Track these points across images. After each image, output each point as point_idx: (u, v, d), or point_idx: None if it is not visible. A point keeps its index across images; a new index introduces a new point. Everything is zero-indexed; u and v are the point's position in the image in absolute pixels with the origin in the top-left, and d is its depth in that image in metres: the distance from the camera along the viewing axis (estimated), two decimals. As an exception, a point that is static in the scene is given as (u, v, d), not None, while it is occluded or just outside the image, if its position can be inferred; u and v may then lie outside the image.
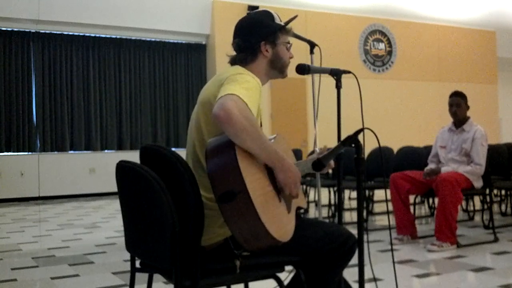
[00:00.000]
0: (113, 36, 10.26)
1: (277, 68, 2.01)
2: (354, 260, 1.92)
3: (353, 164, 1.86)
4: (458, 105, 4.58)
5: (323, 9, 11.62)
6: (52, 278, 3.54)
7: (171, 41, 10.76)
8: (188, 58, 10.91)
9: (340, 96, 2.38)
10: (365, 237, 1.92)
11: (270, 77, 2.04)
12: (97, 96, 10.07)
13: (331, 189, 6.02)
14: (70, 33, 9.89)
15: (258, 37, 1.95)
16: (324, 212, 6.45)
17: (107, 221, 6.39)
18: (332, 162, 2.11)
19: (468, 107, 4.62)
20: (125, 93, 10.31)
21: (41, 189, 9.42)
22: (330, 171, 2.22)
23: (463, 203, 6.23)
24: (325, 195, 6.78)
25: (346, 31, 11.92)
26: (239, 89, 1.65)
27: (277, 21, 2.01)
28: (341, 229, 1.97)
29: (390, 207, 5.09)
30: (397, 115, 12.30)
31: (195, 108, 1.91)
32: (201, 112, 1.85)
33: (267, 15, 2.01)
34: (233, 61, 1.98)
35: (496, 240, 4.50)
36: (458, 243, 4.25)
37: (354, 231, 1.96)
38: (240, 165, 1.52)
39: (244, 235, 1.55)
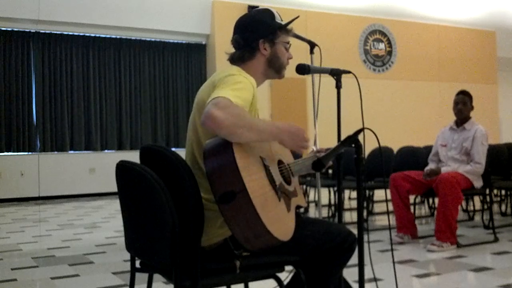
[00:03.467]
0: (113, 36, 10.25)
1: (275, 67, 2.00)
2: (354, 260, 1.92)
3: (353, 164, 1.86)
4: (464, 103, 4.59)
5: (323, 9, 11.61)
6: (52, 278, 3.54)
7: (171, 41, 10.76)
8: (188, 58, 10.91)
9: (340, 96, 2.38)
10: (365, 237, 1.92)
11: (267, 77, 2.03)
12: (97, 96, 10.06)
13: (331, 189, 6.02)
14: (70, 33, 9.89)
15: (257, 34, 1.95)
16: (324, 212, 6.45)
17: (107, 221, 6.39)
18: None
19: (472, 108, 4.65)
20: (125, 93, 10.30)
21: (41, 189, 9.42)
22: (330, 170, 2.22)
23: (463, 203, 6.22)
24: (325, 195, 6.77)
25: (346, 31, 11.92)
26: (226, 91, 1.65)
27: (278, 20, 2.01)
28: (340, 227, 1.97)
29: (390, 207, 5.09)
30: (397, 115, 12.29)
31: (192, 110, 1.92)
32: (197, 113, 1.86)
33: (268, 14, 2.01)
34: (232, 59, 1.99)
35: (496, 240, 4.50)
36: (458, 243, 4.25)
37: (354, 231, 1.96)
38: (238, 165, 1.53)
39: (245, 235, 1.55)
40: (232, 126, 1.54)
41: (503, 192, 6.66)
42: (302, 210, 6.06)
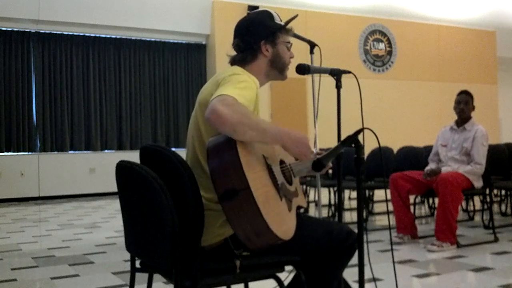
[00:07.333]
0: (113, 36, 10.25)
1: (278, 67, 2.00)
2: (354, 260, 1.92)
3: (353, 164, 1.86)
4: (466, 103, 4.59)
5: (323, 9, 11.61)
6: (52, 278, 3.54)
7: (171, 41, 10.76)
8: (188, 58, 10.91)
9: (340, 96, 2.38)
10: (365, 237, 1.92)
11: (270, 78, 2.03)
12: (97, 96, 10.06)
13: (331, 189, 6.02)
14: (70, 33, 9.89)
15: (257, 36, 1.95)
16: (324, 212, 6.45)
17: (107, 221, 6.39)
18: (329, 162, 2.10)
19: (473, 108, 4.65)
20: (125, 93, 10.31)
21: (41, 189, 9.42)
22: (330, 171, 2.22)
23: (463, 203, 6.23)
24: (325, 195, 6.78)
25: (346, 31, 11.92)
26: (231, 89, 1.65)
27: (277, 20, 2.01)
28: (341, 226, 1.96)
29: (390, 207, 5.09)
30: (397, 115, 12.29)
31: (194, 109, 1.92)
32: (199, 112, 1.86)
33: (267, 15, 2.00)
34: (233, 62, 1.98)
35: (496, 240, 4.50)
36: (458, 243, 4.25)
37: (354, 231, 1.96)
38: (242, 162, 1.53)
39: (246, 233, 1.55)
40: (236, 123, 1.54)
41: (503, 192, 6.66)
42: (302, 210, 6.06)
